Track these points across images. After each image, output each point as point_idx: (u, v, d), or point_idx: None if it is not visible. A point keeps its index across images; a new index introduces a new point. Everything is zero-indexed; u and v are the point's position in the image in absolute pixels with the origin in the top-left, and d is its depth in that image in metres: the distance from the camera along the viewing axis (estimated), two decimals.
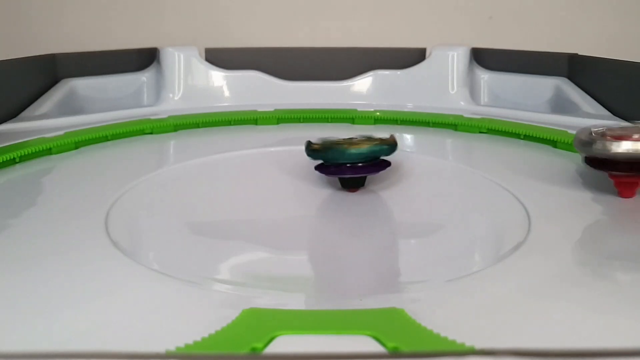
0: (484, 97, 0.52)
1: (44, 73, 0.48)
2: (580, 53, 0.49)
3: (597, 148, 0.25)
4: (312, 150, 0.30)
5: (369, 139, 0.30)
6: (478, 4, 0.60)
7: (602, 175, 0.27)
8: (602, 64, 0.46)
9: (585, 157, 0.27)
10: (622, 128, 0.27)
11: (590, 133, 0.26)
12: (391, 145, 0.29)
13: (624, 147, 0.24)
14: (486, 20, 0.60)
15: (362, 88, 0.51)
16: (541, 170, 0.34)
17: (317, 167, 0.30)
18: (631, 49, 0.59)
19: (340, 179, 0.31)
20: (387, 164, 0.30)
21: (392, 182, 0.34)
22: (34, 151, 0.34)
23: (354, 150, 0.28)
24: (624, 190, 0.27)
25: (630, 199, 0.27)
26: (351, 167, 0.29)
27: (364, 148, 0.28)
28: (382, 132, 0.31)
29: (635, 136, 0.25)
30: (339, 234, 0.28)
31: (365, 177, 0.31)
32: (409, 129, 0.44)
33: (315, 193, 0.32)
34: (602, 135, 0.26)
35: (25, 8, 0.60)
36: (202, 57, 0.51)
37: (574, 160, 0.35)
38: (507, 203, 0.28)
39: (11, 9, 0.59)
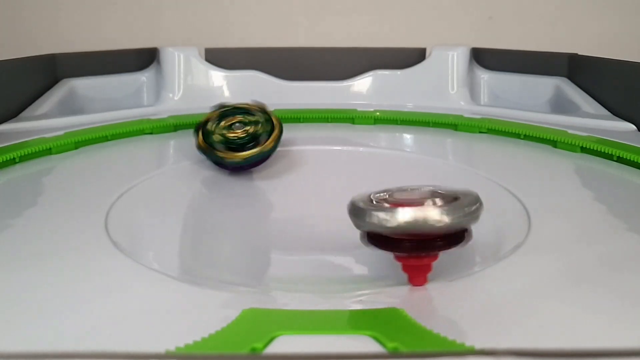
0: (484, 97, 0.52)
1: (44, 73, 0.48)
2: (580, 53, 0.49)
3: (373, 221, 0.17)
4: (199, 145, 0.33)
5: (254, 134, 0.32)
6: (478, 4, 0.60)
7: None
8: (602, 64, 0.46)
9: (367, 234, 0.19)
10: (409, 190, 0.20)
11: (370, 199, 0.19)
12: (265, 152, 0.32)
13: (403, 216, 0.17)
14: (486, 20, 0.60)
15: (362, 88, 0.51)
16: (541, 170, 0.34)
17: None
18: (631, 49, 0.59)
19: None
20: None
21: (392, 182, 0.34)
22: (34, 151, 0.34)
23: (230, 160, 0.32)
24: (413, 277, 0.19)
25: None
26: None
27: (239, 160, 0.32)
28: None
29: (420, 200, 0.18)
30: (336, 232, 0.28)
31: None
32: (409, 129, 0.44)
33: (321, 193, 0.32)
34: (382, 201, 0.18)
35: (25, 8, 0.60)
36: (202, 57, 0.51)
37: (574, 160, 0.35)
38: (507, 203, 0.28)
39: (11, 9, 0.59)
